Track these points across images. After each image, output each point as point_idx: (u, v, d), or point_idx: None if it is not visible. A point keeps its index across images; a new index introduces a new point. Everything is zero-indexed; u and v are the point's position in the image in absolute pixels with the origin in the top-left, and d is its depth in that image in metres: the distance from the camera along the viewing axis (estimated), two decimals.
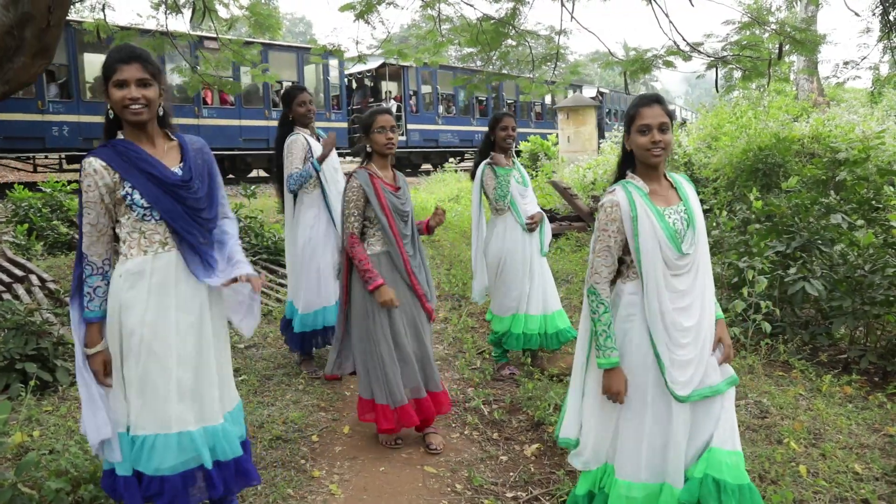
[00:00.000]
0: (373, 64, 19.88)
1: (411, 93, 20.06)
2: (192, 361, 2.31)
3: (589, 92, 25.06)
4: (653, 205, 2.30)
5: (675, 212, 2.32)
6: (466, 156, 22.14)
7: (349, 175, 3.38)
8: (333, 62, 17.07)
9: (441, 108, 21.09)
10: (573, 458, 2.51)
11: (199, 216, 2.33)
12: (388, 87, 20.94)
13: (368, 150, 3.38)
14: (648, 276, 2.28)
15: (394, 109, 18.60)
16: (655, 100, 2.31)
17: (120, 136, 2.31)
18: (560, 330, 4.39)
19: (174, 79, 13.02)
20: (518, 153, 4.42)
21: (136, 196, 2.21)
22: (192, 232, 2.31)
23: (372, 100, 20.30)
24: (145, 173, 2.22)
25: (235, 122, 15.56)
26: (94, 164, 2.18)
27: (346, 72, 19.07)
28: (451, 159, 20.69)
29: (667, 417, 2.29)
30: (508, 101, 23.46)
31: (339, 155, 13.26)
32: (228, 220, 2.53)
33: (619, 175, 2.43)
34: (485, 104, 22.66)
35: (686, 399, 2.26)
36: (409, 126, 19.64)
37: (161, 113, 2.33)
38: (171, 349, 2.26)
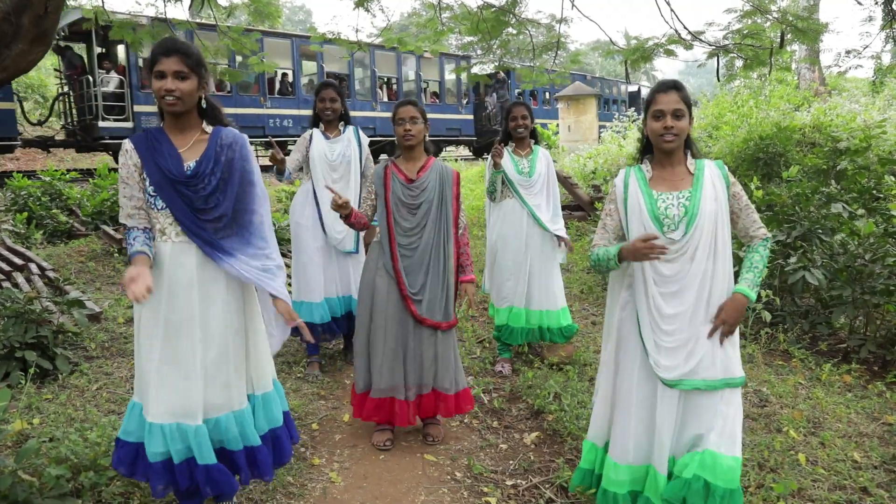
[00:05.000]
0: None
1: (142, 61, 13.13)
2: (174, 356, 2.28)
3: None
4: (647, 188, 2.33)
5: (673, 198, 2.31)
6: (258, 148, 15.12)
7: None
8: None
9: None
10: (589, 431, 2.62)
11: (200, 213, 2.29)
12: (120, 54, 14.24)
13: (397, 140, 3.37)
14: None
15: (113, 85, 13.58)
16: (673, 86, 2.31)
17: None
18: (563, 326, 4.35)
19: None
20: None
21: (147, 183, 2.28)
22: (194, 226, 2.29)
23: (100, 69, 13.50)
24: (156, 164, 2.27)
25: None
26: (126, 144, 2.32)
27: None
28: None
29: (652, 402, 2.32)
30: (338, 75, 17.09)
31: (9, 149, 11.79)
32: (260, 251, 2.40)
33: (639, 160, 2.47)
34: (292, 81, 16.56)
35: (674, 384, 2.26)
36: (138, 108, 13.70)
37: (204, 105, 2.35)
38: (155, 340, 2.28)
